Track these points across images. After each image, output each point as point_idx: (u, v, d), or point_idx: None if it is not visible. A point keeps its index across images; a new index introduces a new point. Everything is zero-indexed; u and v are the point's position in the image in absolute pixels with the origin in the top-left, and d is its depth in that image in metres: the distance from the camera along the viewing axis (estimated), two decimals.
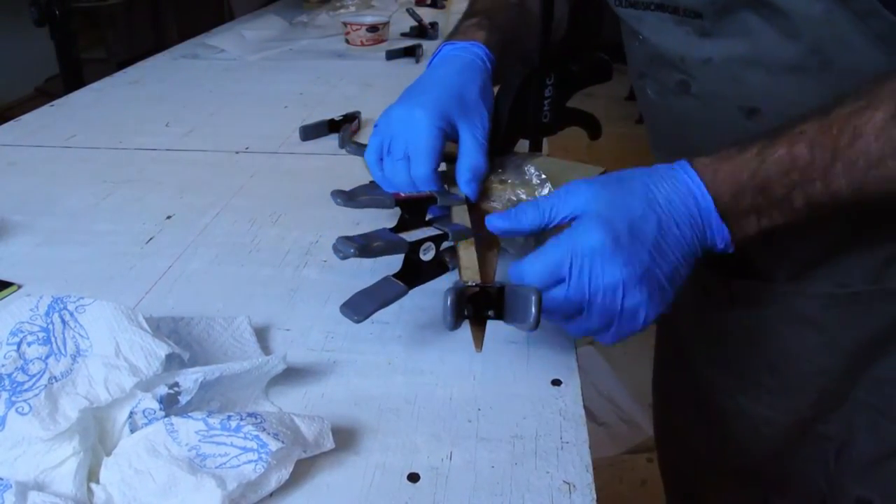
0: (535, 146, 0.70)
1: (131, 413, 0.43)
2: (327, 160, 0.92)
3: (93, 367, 0.44)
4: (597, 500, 0.41)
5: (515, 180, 0.62)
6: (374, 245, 0.53)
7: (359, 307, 0.51)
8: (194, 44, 1.59)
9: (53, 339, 0.46)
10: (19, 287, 0.63)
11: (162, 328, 0.52)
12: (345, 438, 0.45)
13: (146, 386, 0.44)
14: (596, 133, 0.72)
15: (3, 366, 0.43)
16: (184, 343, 0.51)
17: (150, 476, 0.39)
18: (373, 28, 1.56)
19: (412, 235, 0.55)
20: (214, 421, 0.41)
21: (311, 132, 0.99)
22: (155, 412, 0.42)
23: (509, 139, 0.68)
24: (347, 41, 1.58)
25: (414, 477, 0.43)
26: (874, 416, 0.63)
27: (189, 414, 0.42)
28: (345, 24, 1.59)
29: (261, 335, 0.56)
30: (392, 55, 1.45)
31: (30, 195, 0.82)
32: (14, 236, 0.72)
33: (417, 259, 0.55)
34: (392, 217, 0.59)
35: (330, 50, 1.55)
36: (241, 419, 0.41)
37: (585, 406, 0.49)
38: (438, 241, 0.55)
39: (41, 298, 0.47)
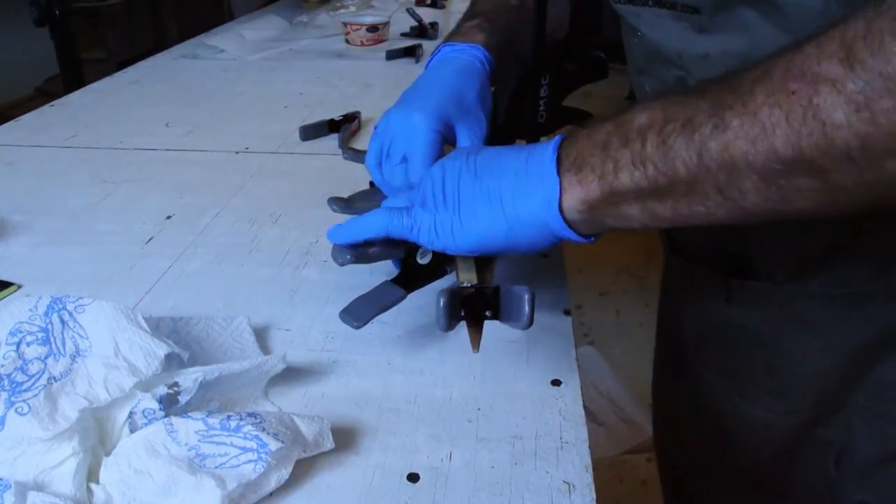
0: None
1: (131, 413, 0.43)
2: (327, 160, 0.92)
3: (92, 367, 0.44)
4: (597, 500, 0.41)
5: None
6: (371, 251, 0.53)
7: (358, 313, 0.52)
8: (194, 44, 1.59)
9: (53, 340, 0.46)
10: (19, 287, 0.63)
11: (161, 328, 0.51)
12: (345, 438, 0.45)
13: (146, 386, 0.44)
14: None
15: (3, 366, 0.43)
16: (183, 343, 0.51)
17: (150, 476, 0.39)
18: (373, 28, 1.56)
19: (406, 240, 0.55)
20: (214, 421, 0.41)
21: (311, 132, 0.99)
22: (154, 412, 0.42)
23: (505, 140, 0.68)
24: (347, 41, 1.58)
25: (414, 477, 0.43)
26: (874, 420, 0.63)
27: (189, 414, 0.42)
28: (345, 24, 1.59)
29: (260, 335, 0.56)
30: (392, 55, 1.45)
31: (30, 195, 0.82)
32: (14, 236, 0.72)
33: (414, 263, 0.55)
34: None
35: (330, 50, 1.55)
36: (241, 419, 0.41)
37: (585, 406, 0.49)
38: None
39: (40, 298, 0.47)
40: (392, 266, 0.58)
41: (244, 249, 0.69)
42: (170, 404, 0.43)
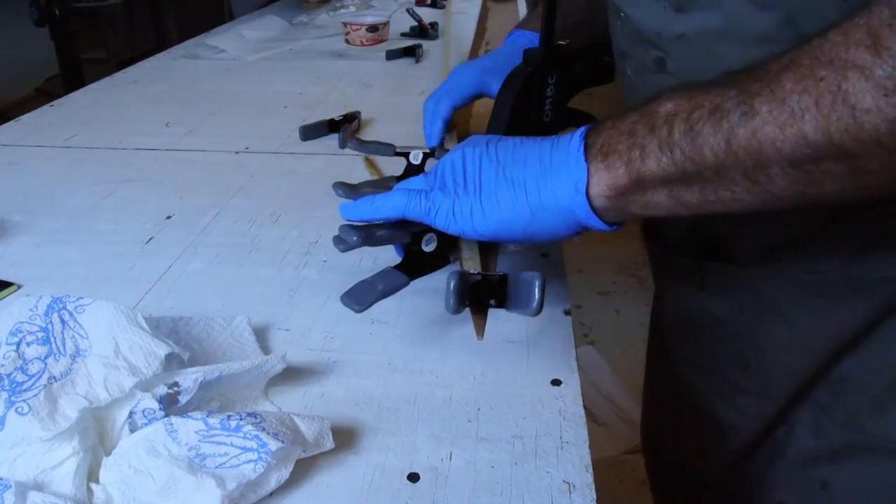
0: None
1: (131, 413, 0.43)
2: (327, 160, 0.92)
3: (92, 367, 0.44)
4: (597, 500, 0.41)
5: None
6: (378, 234, 0.53)
7: (360, 297, 0.51)
8: (194, 44, 1.59)
9: (53, 339, 0.46)
10: (19, 287, 0.63)
11: (161, 328, 0.51)
12: (345, 438, 0.45)
13: (146, 386, 0.44)
14: None
15: (3, 366, 0.43)
16: (183, 343, 0.51)
17: (150, 476, 0.39)
18: (373, 28, 1.56)
19: (415, 226, 0.55)
20: (214, 421, 0.41)
21: (312, 132, 0.99)
22: (154, 412, 0.42)
23: None
24: (347, 41, 1.58)
25: (414, 477, 0.43)
26: (819, 415, 0.61)
27: (189, 414, 0.42)
28: (345, 25, 1.59)
29: (260, 335, 0.56)
30: (392, 55, 1.45)
31: (30, 195, 0.82)
32: (14, 236, 0.72)
33: (419, 250, 0.55)
34: None
35: (330, 50, 1.55)
36: (241, 419, 0.41)
37: (585, 406, 0.49)
38: (441, 233, 0.55)
39: (40, 298, 0.47)
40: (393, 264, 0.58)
41: (244, 249, 0.69)
42: (170, 404, 0.43)
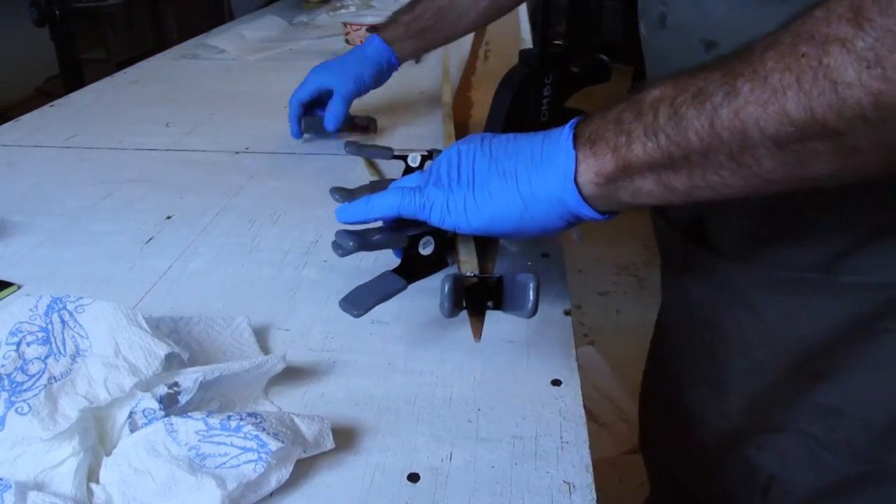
0: None
1: (131, 413, 0.43)
2: (327, 160, 0.92)
3: (92, 367, 0.44)
4: (597, 500, 0.41)
5: None
6: (374, 238, 0.53)
7: (358, 301, 0.51)
8: (194, 44, 1.59)
9: (53, 339, 0.46)
10: (19, 287, 0.63)
11: (161, 328, 0.51)
12: (344, 438, 0.45)
13: (146, 386, 0.44)
14: None
15: (3, 366, 0.43)
16: (183, 343, 0.51)
17: (150, 476, 0.39)
18: (373, 28, 1.56)
19: (411, 230, 0.55)
20: (214, 421, 0.41)
21: (311, 124, 0.98)
22: (155, 412, 0.42)
23: None
24: (347, 41, 1.58)
25: (414, 477, 0.43)
26: (816, 448, 0.60)
27: (189, 414, 0.42)
28: (345, 25, 1.59)
29: (260, 335, 0.56)
30: None
31: (30, 195, 0.82)
32: (14, 236, 0.72)
33: (416, 253, 0.55)
34: None
35: (330, 50, 1.54)
36: (241, 419, 0.41)
37: (585, 406, 0.49)
38: (438, 235, 0.55)
39: (40, 298, 0.47)
40: (392, 265, 0.58)
41: (244, 249, 0.69)
42: (170, 404, 0.43)
